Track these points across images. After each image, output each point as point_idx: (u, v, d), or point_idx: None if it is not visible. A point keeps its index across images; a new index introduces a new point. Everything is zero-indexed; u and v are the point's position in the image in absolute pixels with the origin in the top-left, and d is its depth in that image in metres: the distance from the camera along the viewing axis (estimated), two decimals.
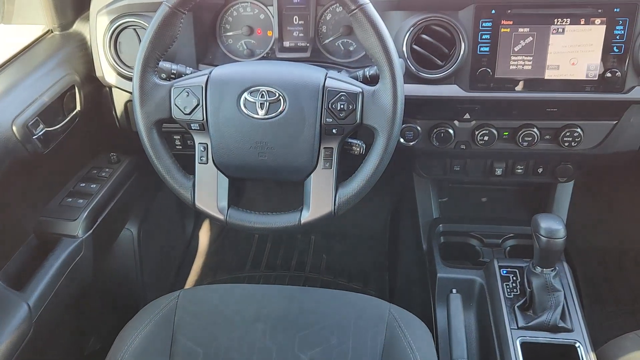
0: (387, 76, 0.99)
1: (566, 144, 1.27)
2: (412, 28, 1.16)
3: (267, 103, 1.02)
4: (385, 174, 1.07)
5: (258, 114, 1.02)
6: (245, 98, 1.02)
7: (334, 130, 1.03)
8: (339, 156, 1.06)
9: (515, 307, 1.19)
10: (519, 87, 1.18)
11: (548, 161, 1.37)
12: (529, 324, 1.16)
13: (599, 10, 1.10)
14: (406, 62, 1.17)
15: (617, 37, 1.11)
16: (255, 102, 1.02)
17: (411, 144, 1.32)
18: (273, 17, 1.31)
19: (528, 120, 1.27)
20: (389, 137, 1.01)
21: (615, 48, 1.12)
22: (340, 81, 1.03)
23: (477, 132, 1.29)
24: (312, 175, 1.05)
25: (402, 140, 1.31)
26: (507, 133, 1.29)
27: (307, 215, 1.06)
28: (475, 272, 1.35)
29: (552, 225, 1.13)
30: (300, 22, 1.33)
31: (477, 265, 1.45)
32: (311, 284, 1.93)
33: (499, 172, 1.40)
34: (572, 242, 1.92)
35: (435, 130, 1.30)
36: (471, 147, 1.32)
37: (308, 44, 1.32)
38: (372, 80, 1.06)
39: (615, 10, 1.10)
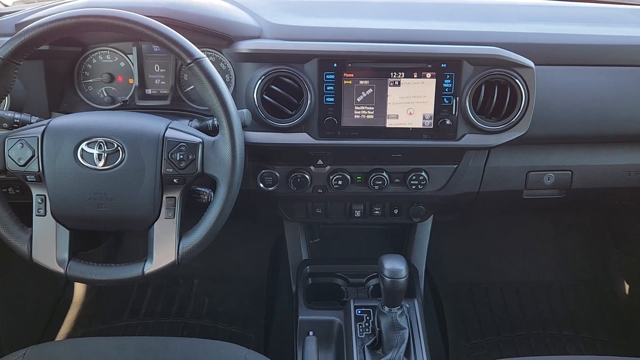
0: (225, 127, 1.02)
1: (413, 187, 1.35)
2: (261, 78, 1.20)
3: (105, 154, 1.01)
4: (264, 217, 1.09)
5: (96, 165, 1.01)
6: (83, 149, 1.01)
7: (175, 180, 1.04)
8: (182, 206, 1.06)
9: (365, 346, 1.23)
10: (364, 135, 1.24)
11: (401, 203, 1.44)
12: None
13: (429, 66, 1.20)
14: (257, 111, 1.21)
15: (447, 90, 1.21)
16: (92, 154, 1.01)
17: (270, 189, 1.35)
18: (133, 64, 1.32)
19: (378, 165, 1.34)
20: (230, 186, 1.03)
21: (445, 99, 1.21)
22: (181, 131, 1.05)
23: (331, 177, 1.34)
24: (154, 225, 1.05)
25: (261, 185, 1.35)
26: (360, 177, 1.36)
27: (150, 266, 1.05)
28: (336, 313, 1.38)
29: (395, 266, 1.18)
30: (161, 70, 1.34)
31: (344, 305, 1.48)
32: (190, 330, 1.89)
33: (357, 213, 1.46)
34: (442, 278, 2.03)
35: (292, 176, 1.34)
36: (328, 191, 1.37)
37: (169, 92, 1.33)
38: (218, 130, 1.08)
39: (442, 65, 1.19)
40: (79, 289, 2.02)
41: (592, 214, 2.11)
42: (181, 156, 1.02)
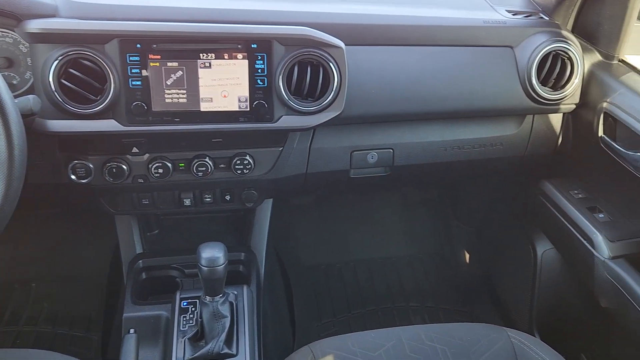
0: None
1: (239, 172, 1.32)
2: (57, 60, 1.10)
3: None
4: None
5: None
6: None
7: None
8: None
9: (186, 339, 1.19)
10: (178, 120, 1.18)
11: (232, 188, 1.40)
12: (195, 355, 1.16)
13: (239, 46, 1.16)
14: (55, 97, 1.11)
15: (259, 71, 1.18)
16: None
17: (84, 181, 1.25)
18: None
19: (199, 151, 1.29)
20: (9, 182, 0.93)
21: (259, 81, 1.18)
22: None
23: (151, 165, 1.27)
24: None
25: (74, 177, 1.25)
26: (182, 165, 1.30)
27: None
28: (164, 307, 1.32)
29: (212, 254, 1.15)
30: None
31: None
32: (24, 339, 1.74)
33: (187, 202, 1.40)
34: (296, 262, 2.03)
35: (107, 166, 1.25)
36: (149, 180, 1.30)
37: None
38: None
39: (253, 46, 1.16)
40: None
41: (438, 189, 2.21)
42: None
